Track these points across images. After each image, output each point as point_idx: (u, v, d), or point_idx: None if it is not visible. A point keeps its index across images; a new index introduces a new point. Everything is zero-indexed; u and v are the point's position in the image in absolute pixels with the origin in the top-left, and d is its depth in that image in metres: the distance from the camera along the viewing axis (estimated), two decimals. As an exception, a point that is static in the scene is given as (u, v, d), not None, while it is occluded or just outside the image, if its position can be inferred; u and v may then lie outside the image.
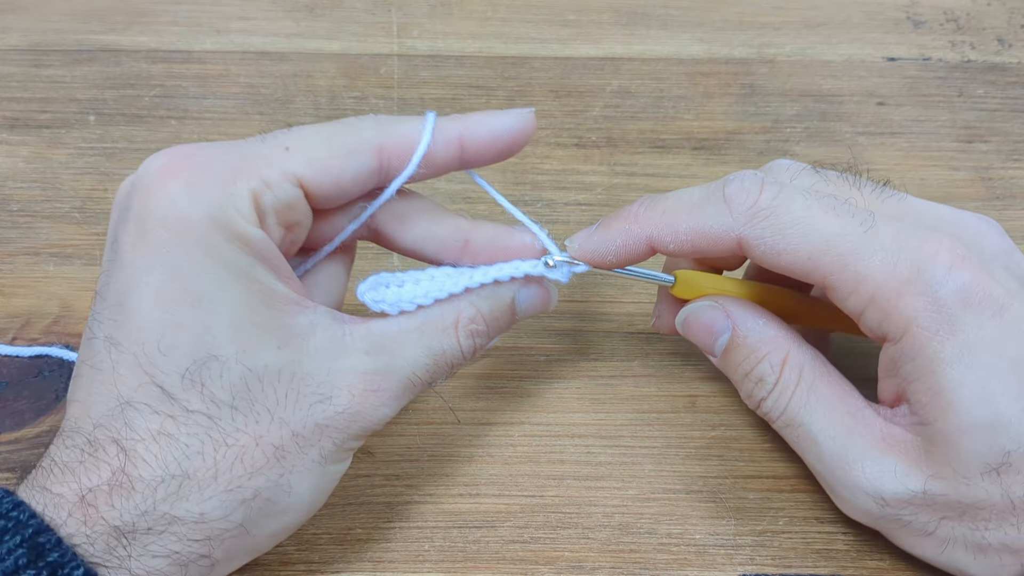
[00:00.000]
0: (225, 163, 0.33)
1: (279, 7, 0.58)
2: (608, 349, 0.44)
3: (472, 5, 0.59)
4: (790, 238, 0.33)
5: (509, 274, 0.35)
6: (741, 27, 0.58)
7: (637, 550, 0.37)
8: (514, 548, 0.37)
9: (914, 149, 0.52)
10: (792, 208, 0.33)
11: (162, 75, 0.54)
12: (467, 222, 0.37)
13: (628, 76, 0.55)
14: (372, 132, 0.34)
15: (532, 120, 0.36)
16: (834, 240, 0.33)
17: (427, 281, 0.35)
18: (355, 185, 0.34)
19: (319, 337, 0.33)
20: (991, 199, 0.50)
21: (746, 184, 0.34)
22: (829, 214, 0.33)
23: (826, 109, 0.54)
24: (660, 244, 0.35)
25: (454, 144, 0.35)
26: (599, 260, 0.36)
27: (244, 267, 0.32)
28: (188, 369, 0.30)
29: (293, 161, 0.33)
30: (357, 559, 0.37)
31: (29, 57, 0.55)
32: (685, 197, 0.35)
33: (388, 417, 0.34)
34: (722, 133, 0.53)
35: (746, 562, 0.37)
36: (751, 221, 0.33)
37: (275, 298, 0.32)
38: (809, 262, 0.33)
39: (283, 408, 0.32)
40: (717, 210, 0.34)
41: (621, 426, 0.41)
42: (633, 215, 0.36)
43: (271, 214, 0.33)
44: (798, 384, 0.35)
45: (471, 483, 0.39)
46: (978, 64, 0.57)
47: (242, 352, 0.31)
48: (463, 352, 0.35)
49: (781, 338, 0.36)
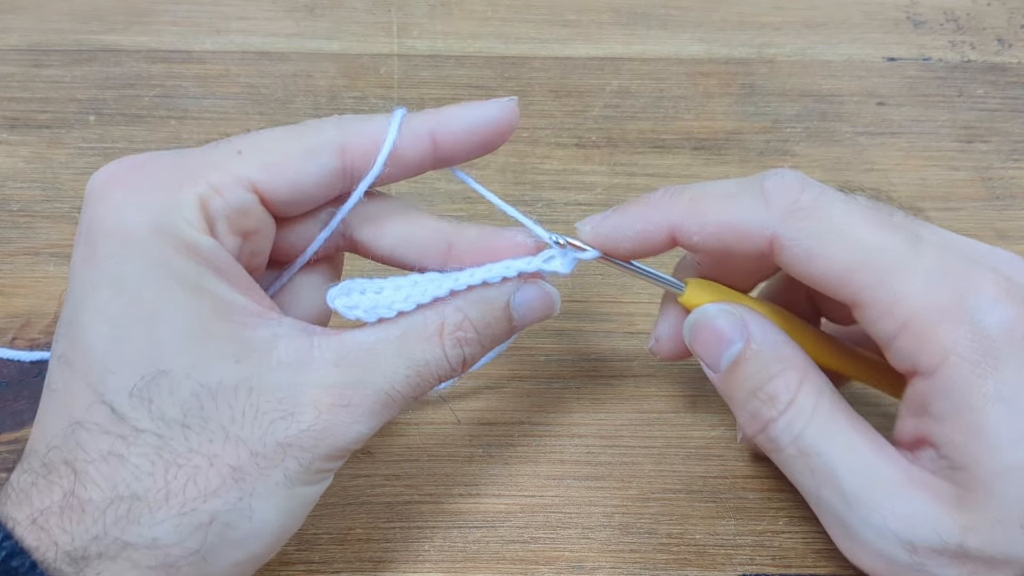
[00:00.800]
0: (172, 170, 0.31)
1: (279, 7, 0.58)
2: (608, 349, 0.44)
3: (472, 5, 0.59)
4: (827, 244, 0.31)
5: (499, 274, 0.33)
6: (741, 27, 0.58)
7: (637, 550, 0.37)
8: (514, 548, 0.37)
9: (914, 149, 0.52)
10: (833, 212, 0.31)
11: (162, 75, 0.54)
12: (449, 224, 0.34)
13: (628, 76, 0.55)
14: (333, 132, 0.32)
15: (513, 110, 0.33)
16: (874, 253, 0.30)
17: (408, 286, 0.32)
18: (317, 188, 0.33)
19: (282, 349, 0.31)
20: (991, 199, 0.50)
21: (787, 180, 0.32)
22: (871, 224, 0.30)
23: (826, 109, 0.54)
24: (683, 234, 0.33)
25: (424, 141, 0.33)
26: (612, 246, 0.34)
27: (193, 277, 0.30)
28: (136, 386, 0.29)
29: (245, 165, 0.32)
30: (357, 559, 0.37)
31: (29, 57, 0.54)
32: (717, 187, 0.33)
33: (364, 435, 0.31)
34: (722, 133, 0.53)
35: (746, 562, 0.37)
36: (788, 219, 0.31)
37: (231, 309, 0.30)
38: (844, 273, 0.30)
39: (240, 426, 0.30)
40: (753, 203, 0.32)
41: (621, 426, 0.41)
42: (656, 200, 0.33)
43: (222, 221, 0.31)
44: (816, 408, 0.32)
45: (471, 483, 0.39)
46: (978, 64, 0.57)
47: (193, 367, 0.29)
48: (450, 363, 0.32)
49: (799, 358, 0.33)
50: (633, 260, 0.35)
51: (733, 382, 0.34)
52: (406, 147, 0.33)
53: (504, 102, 0.33)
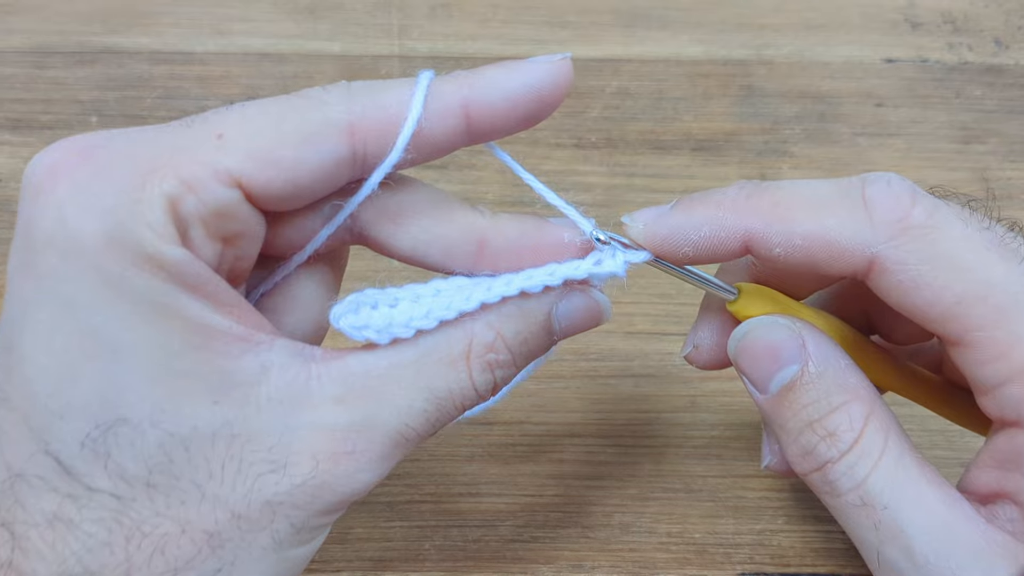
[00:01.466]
0: (132, 159, 0.25)
1: (280, 9, 0.58)
2: (608, 349, 0.44)
3: (472, 7, 0.59)
4: (940, 271, 0.26)
5: (542, 282, 0.27)
6: (740, 28, 0.58)
7: (637, 549, 0.38)
8: (514, 547, 0.38)
9: (912, 150, 0.52)
10: (951, 233, 0.26)
11: (164, 76, 0.54)
12: (483, 217, 0.29)
13: (627, 77, 0.55)
14: (340, 108, 0.26)
15: (566, 71, 0.27)
16: (995, 287, 0.26)
17: (430, 297, 0.27)
18: (319, 182, 0.26)
19: (273, 383, 0.25)
20: (989, 199, 0.50)
21: (895, 189, 0.27)
22: (994, 252, 0.26)
23: (825, 110, 0.54)
24: (762, 244, 0.28)
25: (455, 115, 0.27)
26: (671, 250, 0.28)
27: (159, 298, 0.24)
28: (89, 435, 0.24)
29: (227, 153, 0.25)
30: (357, 558, 0.37)
31: (32, 58, 0.55)
32: (807, 188, 0.28)
33: (370, 484, 0.26)
34: (721, 134, 0.53)
35: (745, 561, 0.37)
36: (897, 238, 0.26)
37: (208, 335, 0.25)
38: (955, 307, 0.26)
39: (219, 482, 0.24)
40: (853, 214, 0.27)
41: (621, 426, 0.41)
42: (730, 201, 0.28)
43: (197, 225, 0.25)
44: (884, 452, 0.27)
45: (471, 483, 0.39)
46: (975, 65, 0.57)
47: (160, 412, 0.24)
48: (477, 391, 0.27)
49: (864, 388, 0.29)
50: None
51: (785, 409, 0.29)
52: (433, 124, 0.27)
53: (555, 60, 0.27)
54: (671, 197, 0.49)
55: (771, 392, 0.29)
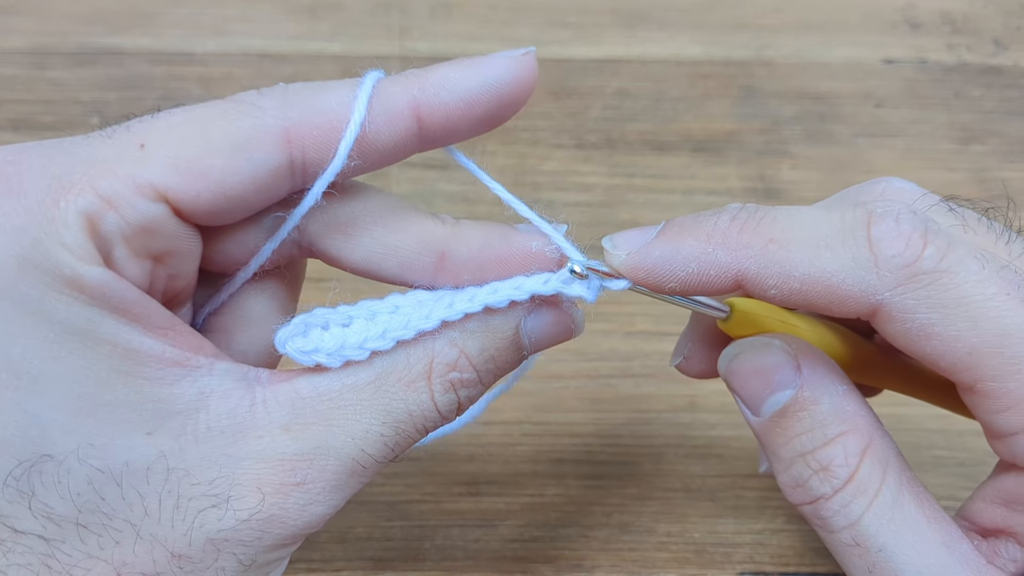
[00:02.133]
0: (44, 175, 0.23)
1: (280, 9, 0.58)
2: (608, 349, 0.44)
3: (473, 7, 0.59)
4: (952, 320, 0.24)
5: (507, 297, 0.26)
6: (739, 29, 0.58)
7: (636, 548, 0.38)
8: (514, 547, 0.38)
9: (911, 150, 0.53)
10: (965, 278, 0.24)
11: (164, 77, 0.54)
12: (443, 226, 0.27)
13: (627, 77, 0.55)
14: (275, 112, 0.24)
15: (529, 66, 0.25)
16: (1012, 336, 0.24)
17: (386, 315, 0.25)
18: (254, 193, 0.25)
19: (213, 411, 0.24)
20: (988, 200, 0.50)
21: (904, 227, 0.24)
22: (1012, 297, 0.24)
23: (824, 110, 0.54)
24: (756, 285, 0.25)
25: (405, 117, 0.25)
26: (656, 282, 0.26)
27: (82, 323, 0.23)
28: (12, 474, 0.22)
29: (149, 165, 0.23)
30: (358, 557, 0.37)
31: (32, 59, 0.55)
32: (807, 223, 0.25)
33: (325, 516, 0.25)
34: (721, 134, 0.53)
35: (745, 560, 0.37)
36: (904, 285, 0.24)
37: (139, 361, 0.23)
38: (968, 358, 0.24)
39: (155, 520, 0.23)
40: (857, 257, 0.24)
41: (621, 426, 0.41)
42: (721, 233, 0.25)
43: (120, 244, 0.24)
44: (880, 489, 0.26)
45: (471, 482, 0.39)
46: (974, 66, 0.57)
47: (88, 446, 0.22)
48: (440, 412, 0.26)
49: (863, 417, 0.27)
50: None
51: (777, 436, 0.27)
52: (379, 128, 0.25)
53: (517, 55, 0.25)
54: (671, 197, 0.50)
55: (764, 416, 0.27)
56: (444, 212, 0.33)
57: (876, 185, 0.28)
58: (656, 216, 0.49)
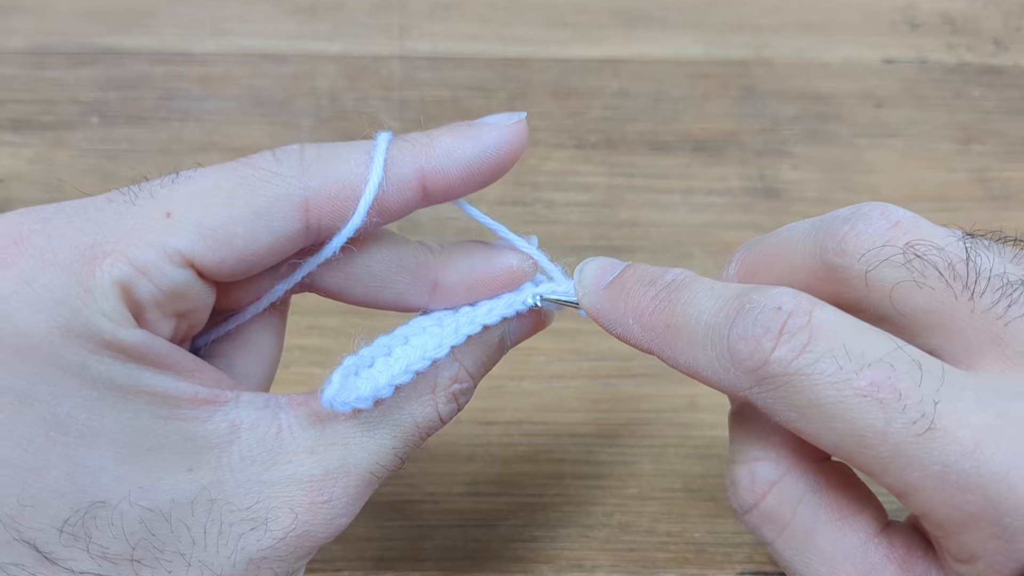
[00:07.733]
0: (78, 245, 0.24)
1: (280, 9, 0.58)
2: (608, 349, 0.44)
3: (473, 7, 0.59)
4: (809, 420, 0.24)
5: (501, 315, 0.29)
6: (739, 29, 0.58)
7: (636, 549, 0.38)
8: (514, 547, 0.38)
9: (911, 151, 0.53)
10: (815, 380, 0.23)
11: (164, 77, 0.54)
12: (432, 257, 0.29)
13: (627, 77, 0.56)
14: (294, 183, 0.26)
15: (521, 133, 0.27)
16: (872, 439, 0.23)
17: (400, 347, 0.27)
18: (272, 256, 0.26)
19: (244, 442, 0.26)
20: (987, 200, 0.50)
21: (757, 329, 0.24)
22: (869, 399, 0.23)
23: (824, 111, 0.54)
24: (666, 360, 0.27)
25: (411, 186, 0.27)
26: (604, 326, 0.29)
27: (122, 380, 0.24)
28: (68, 521, 0.24)
29: (177, 233, 0.25)
30: (358, 557, 0.37)
31: (32, 59, 0.55)
32: (697, 312, 0.26)
33: (344, 527, 0.28)
34: (721, 134, 0.53)
35: (745, 560, 0.38)
36: (758, 386, 0.24)
37: (175, 404, 0.25)
38: (837, 453, 0.24)
39: (202, 548, 0.25)
40: (720, 356, 0.25)
41: (621, 426, 0.41)
42: (640, 310, 0.27)
43: (152, 308, 0.25)
44: (790, 522, 0.27)
45: (471, 482, 0.39)
46: (974, 66, 0.57)
47: (138, 489, 0.24)
48: (442, 419, 0.28)
49: (778, 445, 0.28)
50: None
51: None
52: (389, 196, 0.27)
53: (510, 124, 0.27)
54: (671, 197, 0.50)
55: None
56: (431, 228, 0.34)
57: (844, 225, 0.26)
58: (656, 216, 0.49)
